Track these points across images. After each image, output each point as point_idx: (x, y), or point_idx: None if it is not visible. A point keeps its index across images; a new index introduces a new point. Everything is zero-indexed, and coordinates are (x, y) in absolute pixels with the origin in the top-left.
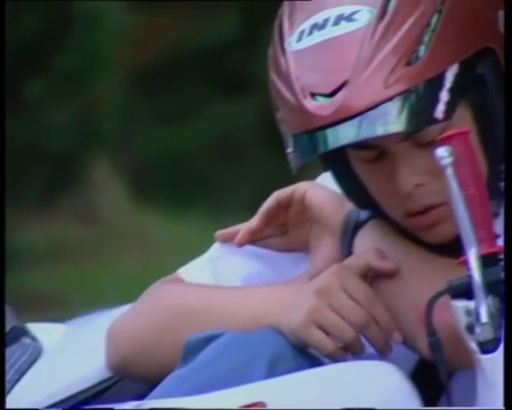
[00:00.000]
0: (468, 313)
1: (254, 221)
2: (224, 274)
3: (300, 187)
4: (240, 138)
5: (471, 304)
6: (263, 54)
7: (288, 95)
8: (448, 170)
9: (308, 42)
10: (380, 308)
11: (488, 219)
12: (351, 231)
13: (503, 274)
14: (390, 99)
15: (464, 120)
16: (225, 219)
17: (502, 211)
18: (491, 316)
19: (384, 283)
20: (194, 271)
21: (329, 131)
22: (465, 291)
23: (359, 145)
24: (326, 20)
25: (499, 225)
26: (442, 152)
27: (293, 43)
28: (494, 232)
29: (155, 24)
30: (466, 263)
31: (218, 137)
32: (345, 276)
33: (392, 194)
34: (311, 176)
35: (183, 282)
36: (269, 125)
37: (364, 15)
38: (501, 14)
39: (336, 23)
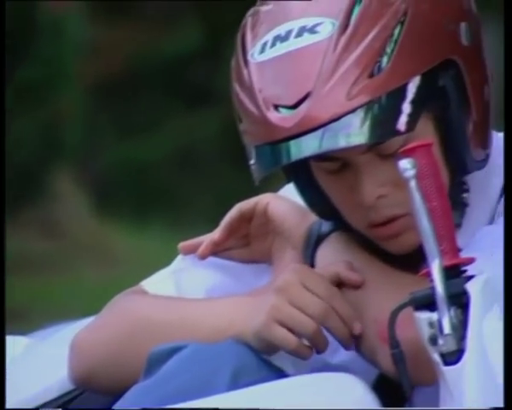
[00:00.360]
0: (431, 324)
1: (217, 233)
2: (187, 286)
3: (263, 199)
4: (202, 150)
5: (434, 316)
6: (225, 66)
7: (251, 106)
8: (411, 182)
9: (271, 54)
10: (339, 300)
11: (451, 230)
12: (313, 243)
13: (465, 286)
14: (353, 111)
15: (426, 132)
16: (188, 230)
17: (464, 222)
18: (453, 327)
19: (346, 296)
20: (158, 283)
21: (292, 143)
22: (428, 303)
23: (322, 157)
24: (289, 32)
25: (462, 236)
26: (405, 164)
27: (255, 55)
28: (457, 244)
29: (118, 36)
30: (429, 275)
31: (180, 149)
32: (303, 272)
33: (355, 205)
34: (274, 188)
35: (146, 294)
36: (231, 138)
37: (327, 27)
38: (463, 26)
39: (299, 35)
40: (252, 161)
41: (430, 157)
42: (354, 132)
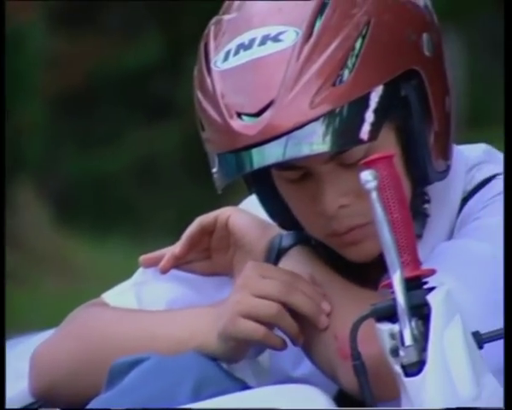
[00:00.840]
0: (392, 336)
1: (178, 246)
2: (148, 298)
3: (224, 212)
4: (163, 163)
5: (395, 327)
6: (186, 78)
7: (213, 114)
8: (372, 194)
9: (234, 62)
10: (302, 280)
11: (412, 242)
12: (274, 257)
13: (426, 297)
14: (316, 119)
15: (389, 142)
16: (149, 242)
17: (425, 233)
18: (414, 339)
19: None
20: (119, 295)
21: (255, 151)
22: (389, 314)
23: (284, 166)
24: (252, 41)
25: (422, 247)
26: (366, 176)
27: (219, 63)
28: (418, 256)
29: (79, 48)
30: (390, 286)
31: (141, 161)
32: (261, 265)
33: (317, 215)
34: (236, 200)
35: (107, 306)
36: (191, 150)
37: (290, 36)
38: (425, 36)
39: (262, 43)
40: (214, 169)
41: (391, 169)
42: (317, 141)
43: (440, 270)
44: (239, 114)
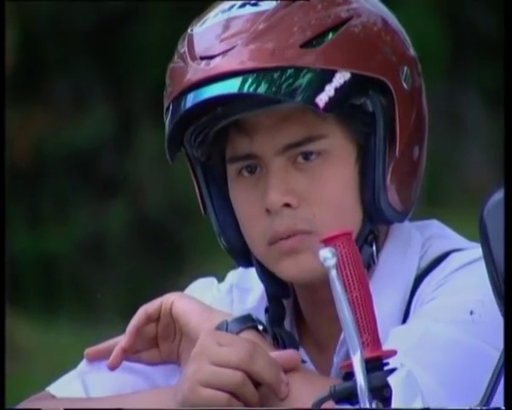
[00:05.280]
0: None
1: (125, 339)
2: (96, 387)
3: (168, 298)
4: (112, 241)
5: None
6: (135, 154)
7: (180, 66)
8: (332, 272)
9: (210, 22)
10: (260, 348)
11: (372, 321)
12: None
13: (387, 379)
14: (276, 68)
15: (348, 156)
16: (99, 322)
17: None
18: None
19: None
20: (66, 386)
21: (208, 87)
22: (349, 396)
23: (239, 157)
24: (232, 6)
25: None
26: (326, 253)
27: (196, 28)
28: (378, 336)
29: (27, 123)
30: (350, 367)
31: (90, 239)
32: (218, 333)
33: (262, 215)
34: (185, 277)
35: (54, 398)
36: (140, 228)
37: (271, 3)
38: (405, 69)
39: (242, 6)
40: (166, 123)
41: (350, 246)
42: (270, 86)
43: (400, 352)
44: (202, 58)
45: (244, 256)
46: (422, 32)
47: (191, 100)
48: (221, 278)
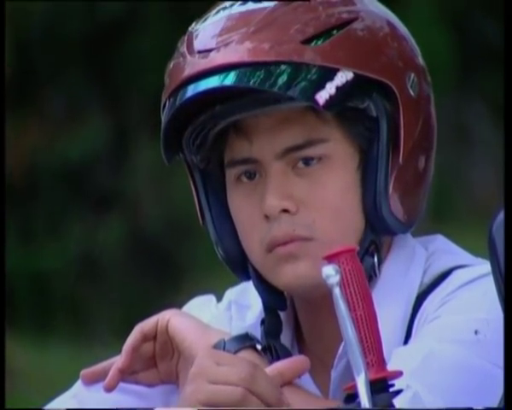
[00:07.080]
0: None
1: (121, 359)
2: (92, 408)
3: (164, 316)
4: (106, 257)
5: None
6: (130, 169)
7: (178, 62)
8: (335, 290)
9: (211, 20)
10: (262, 370)
11: (377, 341)
12: None
13: (392, 401)
14: (275, 62)
15: (350, 161)
16: (94, 341)
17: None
18: None
19: None
20: (61, 406)
21: (204, 80)
22: None
23: (238, 160)
24: (233, 4)
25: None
26: (329, 270)
27: (196, 26)
28: (383, 356)
29: (20, 137)
30: (354, 389)
31: (84, 256)
32: (216, 352)
33: (259, 220)
34: (181, 296)
35: None
36: (135, 244)
37: (272, 2)
38: (412, 76)
39: (243, 4)
40: (163, 118)
41: (354, 263)
42: (270, 80)
43: (406, 373)
44: (199, 52)
45: (241, 266)
46: (430, 44)
47: (187, 93)
48: (220, 296)
